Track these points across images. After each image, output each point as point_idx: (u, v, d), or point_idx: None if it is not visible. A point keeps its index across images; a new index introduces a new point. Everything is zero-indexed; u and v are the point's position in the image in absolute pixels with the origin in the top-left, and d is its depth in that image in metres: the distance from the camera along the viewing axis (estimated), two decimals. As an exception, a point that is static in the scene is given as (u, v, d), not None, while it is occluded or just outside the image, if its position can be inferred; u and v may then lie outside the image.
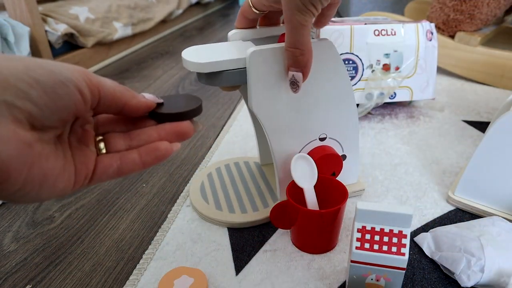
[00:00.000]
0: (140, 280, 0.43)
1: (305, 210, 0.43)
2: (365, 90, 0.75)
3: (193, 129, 0.31)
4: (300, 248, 0.47)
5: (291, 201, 0.43)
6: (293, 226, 0.46)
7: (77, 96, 0.25)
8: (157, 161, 0.29)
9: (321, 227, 0.44)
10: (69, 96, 0.24)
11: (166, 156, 0.29)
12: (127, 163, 0.29)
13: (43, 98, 0.23)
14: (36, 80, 0.23)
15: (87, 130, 0.29)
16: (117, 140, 0.30)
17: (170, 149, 0.29)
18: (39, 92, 0.23)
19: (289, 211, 0.45)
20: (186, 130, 0.30)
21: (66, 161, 0.26)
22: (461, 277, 0.40)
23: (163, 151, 0.29)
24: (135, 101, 0.28)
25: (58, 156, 0.25)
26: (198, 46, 0.45)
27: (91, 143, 0.29)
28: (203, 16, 2.13)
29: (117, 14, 1.31)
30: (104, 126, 0.30)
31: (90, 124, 0.29)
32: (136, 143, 0.30)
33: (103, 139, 0.29)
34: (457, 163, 0.64)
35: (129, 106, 0.28)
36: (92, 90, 0.26)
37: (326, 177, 0.48)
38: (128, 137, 0.30)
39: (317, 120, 0.48)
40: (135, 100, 0.29)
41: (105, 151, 0.29)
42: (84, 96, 0.25)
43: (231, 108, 0.90)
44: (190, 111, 0.31)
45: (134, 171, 0.29)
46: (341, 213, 0.44)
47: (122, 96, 0.28)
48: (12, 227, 0.53)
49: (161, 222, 0.53)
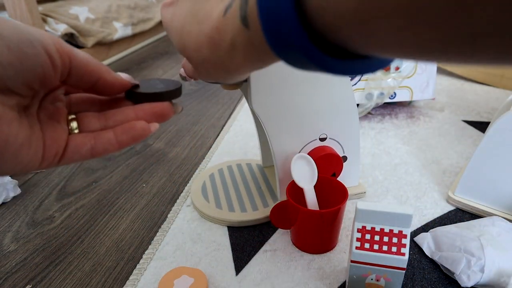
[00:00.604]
0: (140, 280, 0.43)
1: (305, 210, 0.43)
2: (365, 90, 0.75)
3: (172, 110, 0.29)
4: (300, 248, 0.47)
5: (291, 201, 0.43)
6: (293, 226, 0.46)
7: (45, 59, 0.22)
8: (133, 141, 0.27)
9: (321, 227, 0.44)
10: (37, 58, 0.22)
11: (143, 136, 0.28)
12: (101, 142, 0.27)
13: (5, 55, 0.20)
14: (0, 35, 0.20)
15: (58, 107, 0.27)
16: (91, 120, 0.28)
17: (147, 129, 0.28)
18: (1, 47, 0.20)
19: (289, 211, 0.45)
20: (165, 110, 0.28)
21: (33, 133, 0.24)
22: (461, 277, 0.40)
23: (140, 131, 0.27)
24: (110, 76, 0.27)
25: (22, 125, 0.23)
26: None
27: (63, 121, 0.27)
28: (203, 16, 2.13)
29: (117, 14, 1.31)
30: (77, 105, 0.29)
31: (62, 102, 0.27)
32: (112, 123, 0.28)
33: (76, 119, 0.28)
34: (457, 163, 0.64)
35: (103, 81, 0.26)
36: (62, 57, 0.24)
37: (326, 177, 0.48)
38: (103, 117, 0.28)
39: (317, 119, 0.48)
40: (110, 75, 0.27)
41: (78, 131, 0.27)
42: (53, 61, 0.23)
43: (231, 108, 0.90)
44: (169, 92, 0.29)
45: (109, 152, 0.27)
46: (341, 213, 0.44)
47: (96, 69, 0.26)
48: (12, 227, 0.53)
49: (161, 222, 0.53)
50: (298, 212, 0.43)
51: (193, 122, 0.83)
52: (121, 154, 0.71)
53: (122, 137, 0.27)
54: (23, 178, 0.64)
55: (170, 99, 0.29)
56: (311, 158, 0.46)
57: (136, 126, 0.27)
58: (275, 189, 0.55)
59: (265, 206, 0.52)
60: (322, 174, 0.48)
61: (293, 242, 0.48)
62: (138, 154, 0.71)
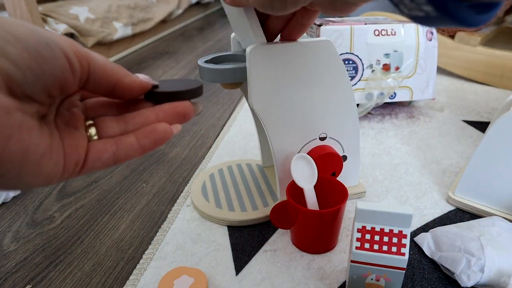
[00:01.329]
0: (140, 280, 0.43)
1: (305, 210, 0.43)
2: (365, 90, 0.75)
3: (193, 109, 0.28)
4: (300, 248, 0.47)
5: (291, 201, 0.43)
6: (293, 226, 0.46)
7: (63, 62, 0.21)
8: (156, 144, 0.26)
9: (321, 227, 0.44)
10: (56, 61, 0.21)
11: (165, 139, 0.26)
12: (123, 148, 0.25)
13: (24, 59, 0.19)
14: (15, 37, 0.19)
15: (75, 113, 0.25)
16: (109, 124, 0.26)
17: (170, 131, 0.26)
18: (19, 50, 0.19)
19: (289, 211, 0.45)
20: (187, 110, 0.27)
21: (53, 141, 0.22)
22: (461, 277, 0.40)
23: (162, 133, 0.26)
24: (128, 79, 0.26)
25: (43, 133, 0.22)
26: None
27: (81, 127, 0.25)
28: (203, 16, 2.13)
29: (117, 14, 1.31)
30: (94, 110, 0.27)
31: (78, 107, 0.26)
32: (132, 126, 0.26)
33: (94, 124, 0.26)
34: (457, 163, 0.64)
35: (122, 84, 0.25)
36: (80, 61, 0.22)
37: (326, 177, 0.48)
38: (122, 121, 0.27)
39: (317, 118, 0.48)
40: (129, 79, 0.26)
41: (97, 137, 0.26)
42: (72, 65, 0.22)
43: (231, 108, 0.90)
44: (190, 91, 0.28)
45: (132, 157, 0.26)
46: (341, 213, 0.44)
47: (114, 72, 0.25)
48: (12, 227, 0.53)
49: (161, 222, 0.53)
50: (298, 212, 0.43)
51: (193, 122, 0.83)
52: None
53: (144, 141, 0.26)
54: (23, 178, 0.64)
55: (191, 98, 0.28)
56: (311, 158, 0.47)
57: (158, 129, 0.26)
58: (275, 189, 0.55)
59: (265, 206, 0.52)
60: (322, 174, 0.48)
61: (293, 242, 0.48)
62: (138, 154, 0.71)
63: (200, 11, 2.12)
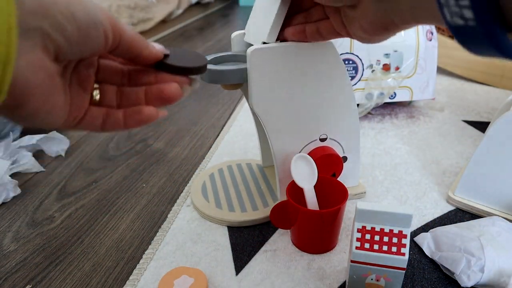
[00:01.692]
0: (140, 280, 0.43)
1: (305, 210, 0.43)
2: (365, 90, 0.75)
3: (180, 93, 0.30)
4: (300, 248, 0.47)
5: (291, 201, 0.43)
6: (293, 226, 0.46)
7: (102, 39, 0.25)
8: (138, 124, 0.29)
9: (321, 227, 0.44)
10: (98, 39, 0.25)
11: (148, 121, 0.29)
12: (111, 121, 0.29)
13: (75, 35, 0.23)
14: (74, 16, 0.23)
15: (89, 74, 0.29)
16: (110, 94, 0.30)
17: (154, 115, 0.29)
18: (74, 28, 0.23)
19: (289, 211, 0.45)
20: (171, 94, 0.30)
21: (65, 97, 0.26)
22: (461, 277, 0.40)
23: (146, 116, 0.29)
24: (147, 51, 0.29)
25: (65, 91, 0.26)
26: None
27: (89, 90, 0.29)
28: (203, 16, 2.13)
29: (117, 14, 1.31)
30: (104, 72, 0.30)
31: (94, 68, 0.29)
32: (125, 102, 0.30)
33: (99, 88, 0.30)
34: (457, 163, 0.64)
35: (141, 55, 0.29)
36: (114, 35, 0.26)
37: (326, 177, 0.48)
38: (119, 94, 0.30)
39: (317, 120, 0.48)
40: (147, 51, 0.29)
41: (98, 100, 0.29)
42: (107, 40, 0.26)
43: (231, 108, 0.90)
44: (194, 68, 0.31)
45: (118, 130, 0.30)
46: (341, 213, 0.44)
47: (138, 45, 0.28)
48: (12, 227, 0.53)
49: (161, 222, 0.53)
50: (298, 212, 0.43)
51: (193, 122, 0.83)
52: (121, 154, 0.71)
53: (129, 120, 0.29)
54: (23, 178, 0.64)
55: (195, 74, 0.31)
56: (311, 158, 0.46)
57: (144, 111, 0.29)
58: (275, 189, 0.55)
59: (265, 206, 0.52)
60: (322, 174, 0.48)
61: (293, 242, 0.48)
62: (138, 154, 0.71)
63: (200, 11, 2.12)
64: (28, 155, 0.66)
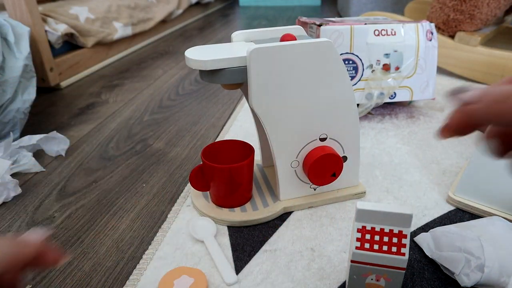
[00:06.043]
0: (140, 280, 0.43)
1: (218, 167, 0.48)
2: (365, 90, 0.75)
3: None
4: (219, 205, 0.52)
5: (206, 161, 0.48)
6: (211, 187, 0.51)
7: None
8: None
9: (232, 181, 0.49)
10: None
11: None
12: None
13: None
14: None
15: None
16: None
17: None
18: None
19: (205, 172, 0.50)
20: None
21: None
22: (461, 277, 0.40)
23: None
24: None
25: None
26: (201, 46, 0.47)
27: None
28: (203, 16, 2.13)
29: (117, 14, 1.31)
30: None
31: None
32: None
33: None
34: (457, 163, 0.64)
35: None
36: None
37: (234, 140, 0.54)
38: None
39: (317, 119, 0.48)
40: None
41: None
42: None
43: (231, 108, 0.90)
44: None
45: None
46: (249, 168, 0.50)
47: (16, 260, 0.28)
48: (12, 227, 0.53)
49: (161, 222, 0.53)
50: (213, 171, 0.49)
51: (193, 122, 0.83)
52: (121, 154, 0.71)
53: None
54: (23, 178, 0.64)
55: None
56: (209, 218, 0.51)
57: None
58: (275, 189, 0.55)
59: (265, 206, 0.52)
60: (322, 175, 0.48)
61: (213, 201, 0.53)
62: (138, 154, 0.71)
63: (200, 11, 2.12)
64: (28, 155, 0.66)
